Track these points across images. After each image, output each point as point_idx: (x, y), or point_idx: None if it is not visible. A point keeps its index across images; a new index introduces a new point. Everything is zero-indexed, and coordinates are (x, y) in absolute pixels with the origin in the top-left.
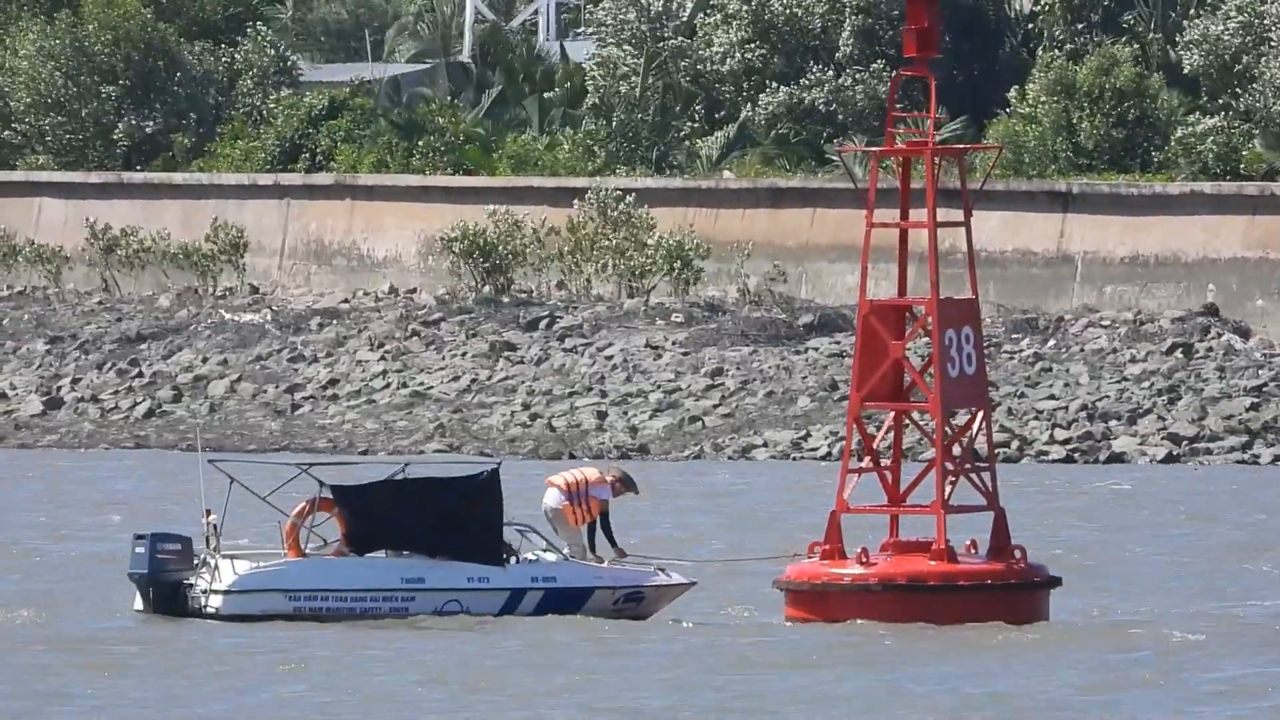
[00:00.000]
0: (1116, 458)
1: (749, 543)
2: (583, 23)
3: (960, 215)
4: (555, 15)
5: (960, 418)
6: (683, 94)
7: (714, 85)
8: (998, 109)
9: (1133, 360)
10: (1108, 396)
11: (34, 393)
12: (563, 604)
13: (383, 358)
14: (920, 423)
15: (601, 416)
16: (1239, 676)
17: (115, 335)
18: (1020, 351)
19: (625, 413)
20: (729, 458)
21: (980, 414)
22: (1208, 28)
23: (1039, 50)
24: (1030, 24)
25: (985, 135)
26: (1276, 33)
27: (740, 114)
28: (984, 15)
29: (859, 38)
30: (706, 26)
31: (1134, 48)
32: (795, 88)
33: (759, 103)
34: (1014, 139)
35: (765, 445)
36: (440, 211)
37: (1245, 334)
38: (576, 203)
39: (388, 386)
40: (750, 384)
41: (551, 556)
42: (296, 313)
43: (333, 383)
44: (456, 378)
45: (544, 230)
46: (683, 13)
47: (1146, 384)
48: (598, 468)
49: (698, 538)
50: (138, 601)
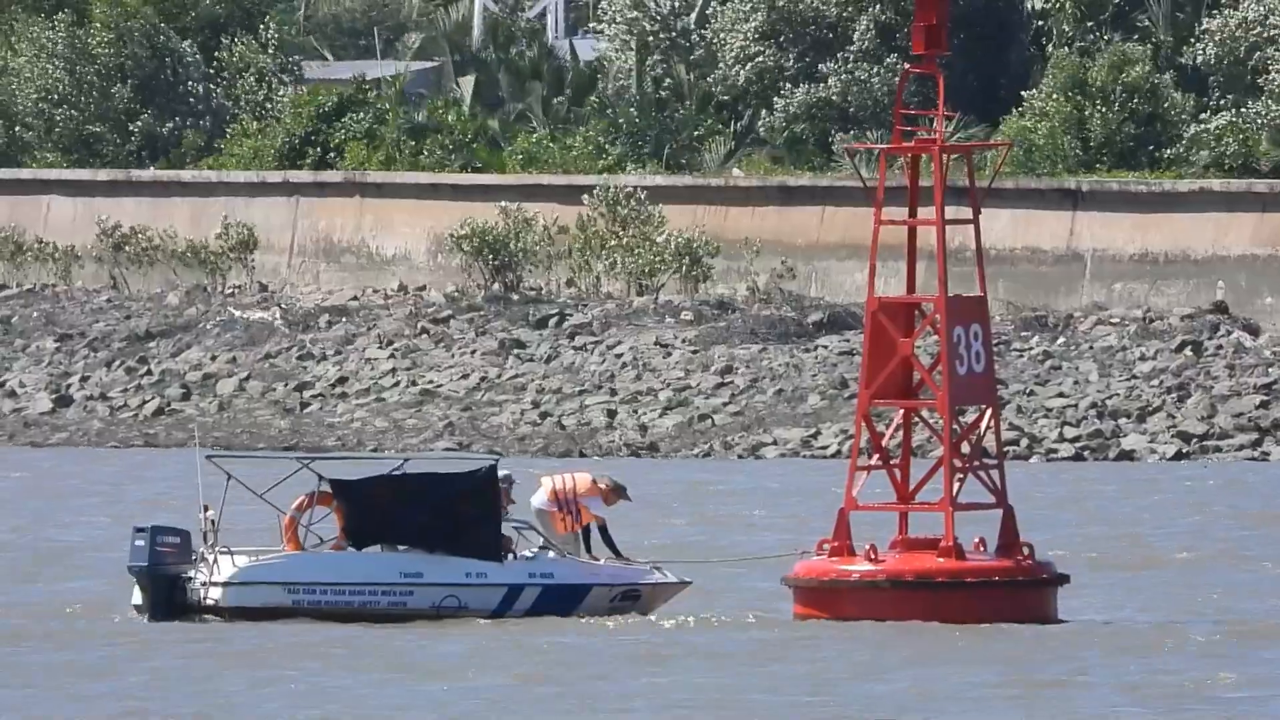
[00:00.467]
0: (1126, 455)
1: (751, 543)
2: (590, 19)
3: (969, 213)
4: (564, 12)
5: (969, 415)
6: (697, 94)
7: (725, 95)
8: (1010, 107)
9: (1142, 358)
10: (1117, 394)
11: (43, 390)
12: (560, 600)
13: (392, 355)
14: (929, 420)
15: (611, 414)
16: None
17: (124, 333)
18: (1029, 349)
19: (635, 411)
20: (739, 456)
21: (989, 411)
22: (1227, 19)
23: (1049, 48)
24: (1040, 21)
25: (997, 134)
26: None
27: (756, 121)
28: (995, 14)
29: (877, 31)
30: (720, 22)
31: (1145, 47)
32: (812, 86)
33: (775, 108)
34: (1024, 136)
35: (775, 443)
36: (450, 209)
37: (1255, 331)
38: (585, 198)
39: (397, 384)
40: (760, 382)
41: (549, 553)
42: (305, 310)
43: (342, 381)
44: (466, 375)
45: (554, 228)
46: (691, 12)
47: (1156, 382)
48: (591, 474)
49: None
50: (136, 595)
